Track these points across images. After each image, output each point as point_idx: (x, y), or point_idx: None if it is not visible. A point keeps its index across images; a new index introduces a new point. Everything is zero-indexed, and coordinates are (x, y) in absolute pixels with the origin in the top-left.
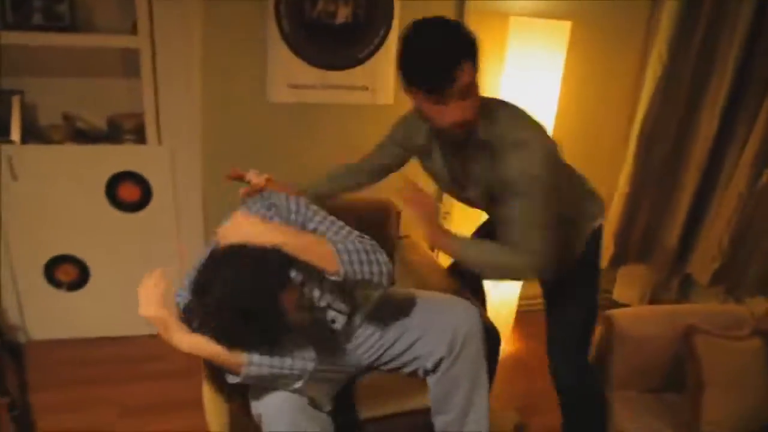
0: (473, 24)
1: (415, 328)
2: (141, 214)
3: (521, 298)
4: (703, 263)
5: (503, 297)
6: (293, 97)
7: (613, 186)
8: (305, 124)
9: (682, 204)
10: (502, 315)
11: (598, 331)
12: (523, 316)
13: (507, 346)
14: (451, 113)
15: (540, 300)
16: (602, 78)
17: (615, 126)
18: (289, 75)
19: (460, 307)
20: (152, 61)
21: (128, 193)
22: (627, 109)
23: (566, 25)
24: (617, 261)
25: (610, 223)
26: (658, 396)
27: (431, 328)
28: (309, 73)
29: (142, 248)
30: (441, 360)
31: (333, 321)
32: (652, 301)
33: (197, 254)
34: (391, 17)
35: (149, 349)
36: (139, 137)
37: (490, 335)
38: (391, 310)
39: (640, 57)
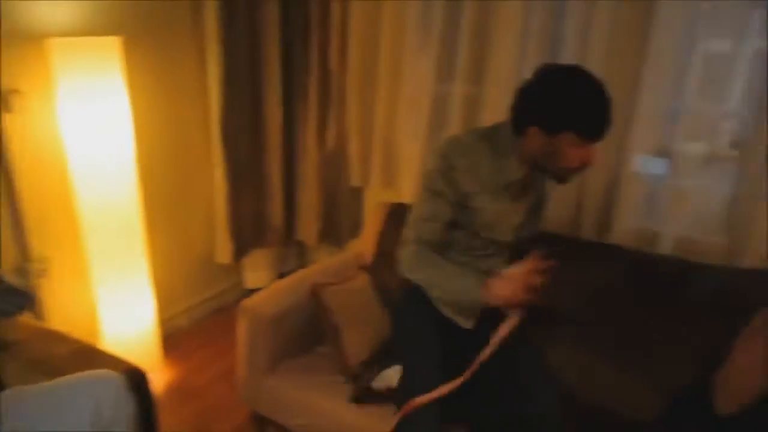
0: (6, 51)
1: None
2: None
3: (164, 321)
4: (308, 228)
5: (141, 325)
6: None
7: (213, 186)
8: None
9: (275, 185)
10: (147, 344)
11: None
12: (169, 339)
13: (164, 374)
14: (589, 155)
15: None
16: (172, 88)
17: (197, 131)
18: None
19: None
20: None
21: None
22: (203, 113)
23: (116, 41)
24: (239, 253)
25: (221, 220)
26: (312, 353)
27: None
28: None
29: None
30: None
31: None
32: (281, 277)
33: None
34: None
35: None
36: None
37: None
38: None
39: (199, 61)
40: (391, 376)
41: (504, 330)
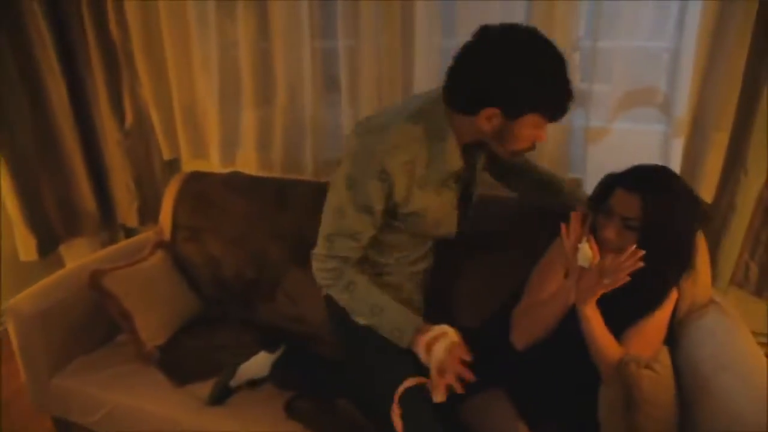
0: None
1: None
2: None
3: None
4: (126, 210)
5: None
6: None
7: None
8: None
9: (76, 168)
10: None
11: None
12: None
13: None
14: (544, 133)
15: None
16: None
17: None
18: None
19: None
20: None
21: None
22: None
23: None
24: (48, 247)
25: (16, 214)
26: (112, 343)
27: None
28: None
29: None
30: None
31: None
32: None
33: None
34: None
35: None
36: None
37: None
38: None
39: None
40: (252, 368)
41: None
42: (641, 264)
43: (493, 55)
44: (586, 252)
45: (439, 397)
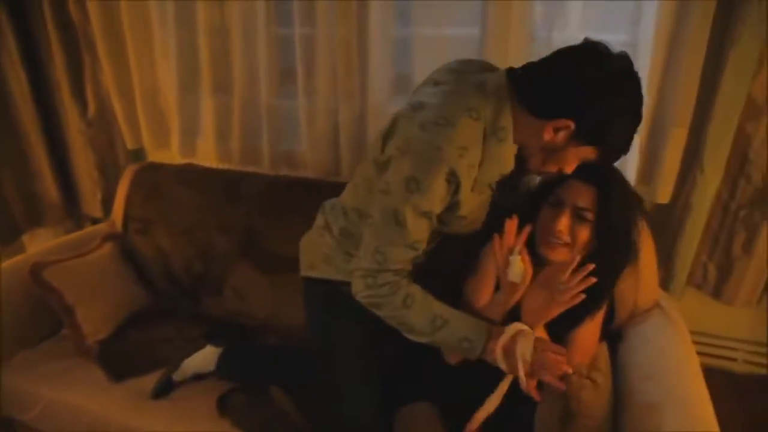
0: None
1: None
2: None
3: None
4: (90, 200)
5: None
6: None
7: None
8: None
9: (38, 158)
10: None
11: None
12: None
13: None
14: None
15: None
16: None
17: None
18: None
19: None
20: None
21: None
22: None
23: None
24: (8, 237)
25: None
26: (57, 337)
27: None
28: None
29: None
30: None
31: None
32: None
33: None
34: None
35: None
36: None
37: None
38: None
39: None
40: (198, 362)
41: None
42: (594, 280)
43: (598, 74)
44: (518, 266)
45: (536, 396)
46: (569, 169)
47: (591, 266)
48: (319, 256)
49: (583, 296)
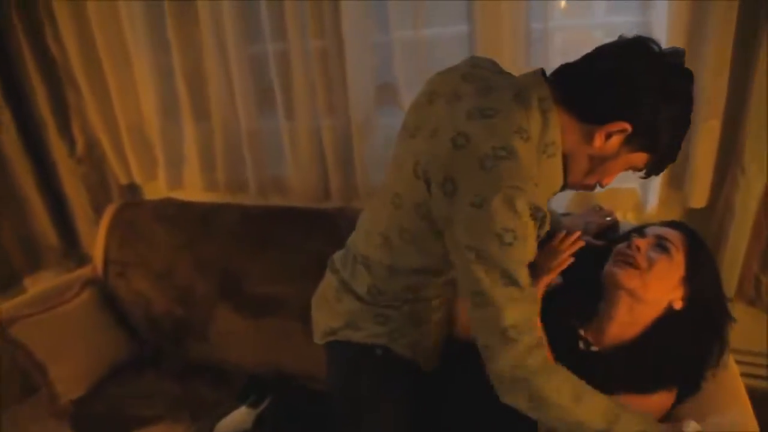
0: None
1: None
2: None
3: None
4: (89, 239)
5: None
6: None
7: None
8: None
9: (32, 201)
10: None
11: None
12: None
13: None
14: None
15: None
16: None
17: None
18: None
19: None
20: None
21: None
22: None
23: None
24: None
25: None
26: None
27: None
28: None
29: None
30: None
31: None
32: None
33: None
34: None
35: None
36: None
37: None
38: None
39: None
40: (231, 426)
41: None
42: (582, 243)
43: (653, 71)
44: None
45: None
46: (608, 181)
47: (579, 232)
48: (339, 322)
49: (571, 259)
